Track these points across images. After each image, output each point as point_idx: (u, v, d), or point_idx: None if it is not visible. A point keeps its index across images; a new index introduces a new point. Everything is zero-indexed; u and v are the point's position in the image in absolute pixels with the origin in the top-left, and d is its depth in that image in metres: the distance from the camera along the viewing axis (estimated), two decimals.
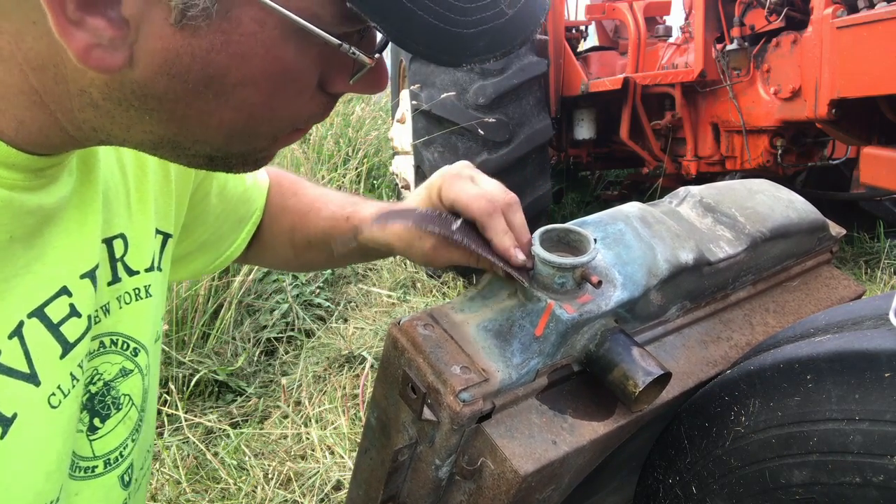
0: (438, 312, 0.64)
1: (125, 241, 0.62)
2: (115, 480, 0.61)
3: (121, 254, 0.62)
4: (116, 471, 0.61)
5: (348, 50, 0.44)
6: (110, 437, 0.59)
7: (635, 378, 0.60)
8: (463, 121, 3.24)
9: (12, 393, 0.47)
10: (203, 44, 0.41)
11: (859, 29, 2.29)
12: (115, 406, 0.60)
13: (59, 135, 0.47)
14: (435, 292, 3.45)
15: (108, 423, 0.59)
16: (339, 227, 0.84)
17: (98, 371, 0.58)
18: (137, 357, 0.62)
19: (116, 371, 0.60)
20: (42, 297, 0.50)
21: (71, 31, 0.39)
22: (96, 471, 0.58)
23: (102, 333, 0.59)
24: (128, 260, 0.62)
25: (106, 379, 0.59)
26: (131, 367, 0.62)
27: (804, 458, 0.61)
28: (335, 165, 4.33)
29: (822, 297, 0.87)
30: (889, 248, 3.55)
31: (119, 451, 0.61)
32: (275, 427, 2.26)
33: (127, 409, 0.61)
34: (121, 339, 0.61)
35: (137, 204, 0.65)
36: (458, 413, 0.55)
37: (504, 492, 0.58)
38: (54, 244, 0.51)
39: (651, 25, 4.07)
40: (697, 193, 0.83)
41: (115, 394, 0.60)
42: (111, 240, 0.60)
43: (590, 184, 5.37)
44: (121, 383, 0.60)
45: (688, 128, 3.50)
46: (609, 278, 0.66)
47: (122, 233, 0.62)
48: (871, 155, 2.41)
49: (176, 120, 0.45)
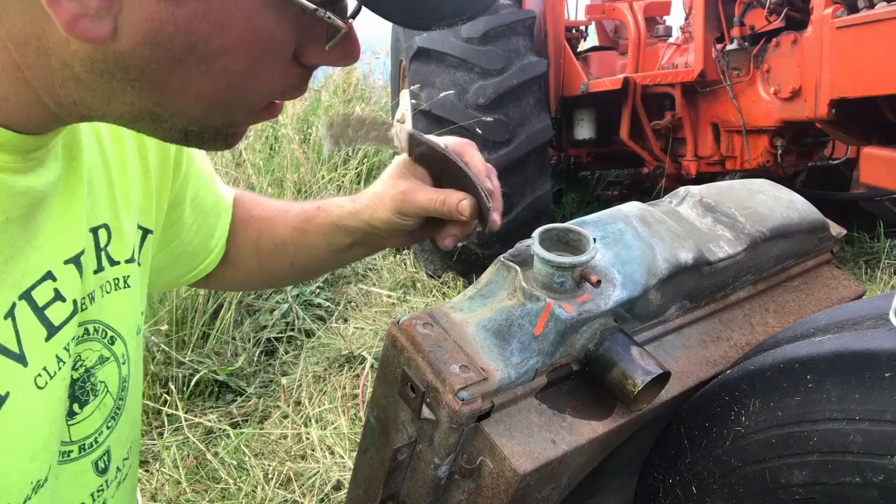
0: (438, 312, 0.64)
1: (108, 232, 0.63)
2: (89, 466, 0.61)
3: (104, 243, 0.62)
4: (90, 456, 0.61)
5: (324, 15, 0.45)
6: (87, 422, 0.60)
7: (634, 377, 0.60)
8: (463, 121, 3.24)
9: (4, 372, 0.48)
10: (186, 12, 0.41)
11: (859, 29, 2.29)
12: (93, 392, 0.61)
13: (40, 112, 0.47)
14: (435, 292, 3.45)
15: (85, 409, 0.60)
16: (310, 217, 0.86)
17: (80, 357, 0.59)
18: (114, 346, 0.63)
19: (96, 358, 0.61)
20: (30, 280, 0.51)
21: (59, 1, 0.39)
22: (71, 455, 0.59)
23: (87, 321, 0.59)
24: (110, 250, 0.63)
25: (87, 365, 0.60)
26: (108, 354, 0.62)
27: (804, 458, 0.61)
28: (335, 165, 4.33)
29: (823, 297, 0.87)
30: (889, 248, 3.55)
31: (94, 438, 0.61)
32: (275, 427, 2.26)
33: (102, 397, 0.62)
34: (101, 327, 0.61)
35: (121, 196, 0.65)
36: (457, 412, 0.55)
37: (503, 491, 0.58)
38: (42, 229, 0.52)
39: (651, 25, 4.08)
40: (697, 193, 0.83)
41: (93, 380, 0.61)
42: (96, 229, 0.61)
43: (590, 184, 5.37)
44: (98, 370, 0.61)
45: (688, 128, 3.50)
46: (608, 278, 0.66)
47: (105, 223, 0.63)
48: (871, 155, 2.41)
49: (156, 90, 0.46)
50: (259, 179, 3.73)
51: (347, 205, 0.82)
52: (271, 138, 4.67)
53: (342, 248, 0.86)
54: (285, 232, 0.88)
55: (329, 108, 5.41)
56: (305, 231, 0.87)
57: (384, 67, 6.82)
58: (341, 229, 0.83)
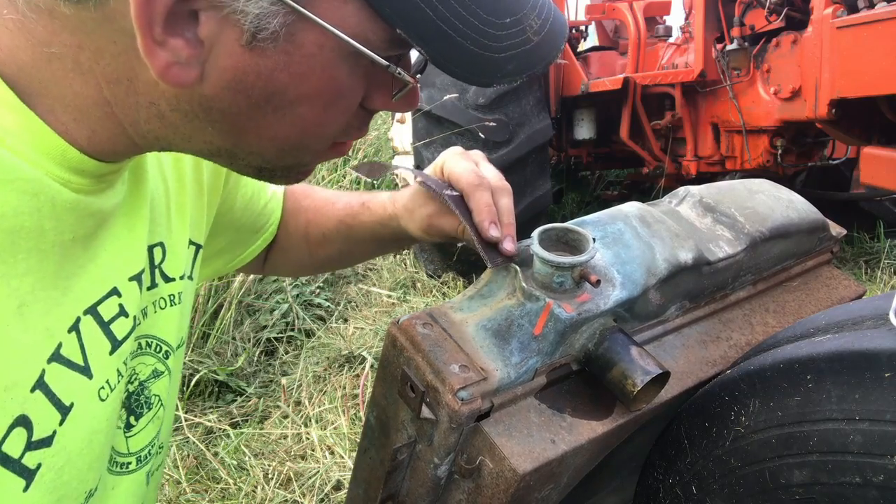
0: (437, 312, 0.64)
1: (164, 249, 0.66)
2: (143, 477, 0.64)
3: (159, 261, 0.66)
4: (145, 468, 0.64)
5: (395, 71, 0.49)
6: (142, 434, 0.63)
7: (634, 377, 0.60)
8: (463, 121, 3.24)
9: (70, 384, 0.50)
10: (268, 63, 0.45)
11: (859, 29, 2.29)
12: (147, 405, 0.63)
13: (125, 143, 0.51)
14: (435, 292, 3.45)
15: (140, 421, 0.62)
16: (356, 213, 0.91)
17: (135, 371, 0.62)
18: (168, 360, 0.66)
19: (150, 372, 0.64)
20: (96, 295, 0.53)
21: (155, 51, 0.43)
22: (130, 467, 0.62)
23: (140, 335, 0.62)
24: (165, 267, 0.66)
25: (141, 379, 0.62)
26: (163, 368, 0.65)
27: (804, 458, 0.61)
28: (335, 165, 4.33)
29: (823, 297, 0.87)
30: (889, 248, 3.55)
31: (148, 450, 0.64)
32: (275, 427, 2.26)
33: (157, 409, 0.65)
34: (155, 341, 0.64)
35: (176, 215, 0.69)
36: (457, 412, 0.55)
37: (503, 490, 0.58)
38: (106, 247, 0.55)
39: (651, 25, 4.07)
40: (697, 193, 0.83)
41: (147, 393, 0.63)
42: (153, 247, 0.64)
43: (590, 184, 5.36)
44: (153, 384, 0.64)
45: (688, 128, 3.50)
46: (608, 277, 0.66)
47: (161, 241, 0.66)
48: (871, 155, 2.41)
49: (235, 132, 0.49)
50: None
51: (388, 206, 0.86)
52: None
53: (388, 241, 0.91)
54: (331, 224, 0.93)
55: None
56: (351, 226, 0.91)
57: None
58: (386, 228, 0.87)
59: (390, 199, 0.87)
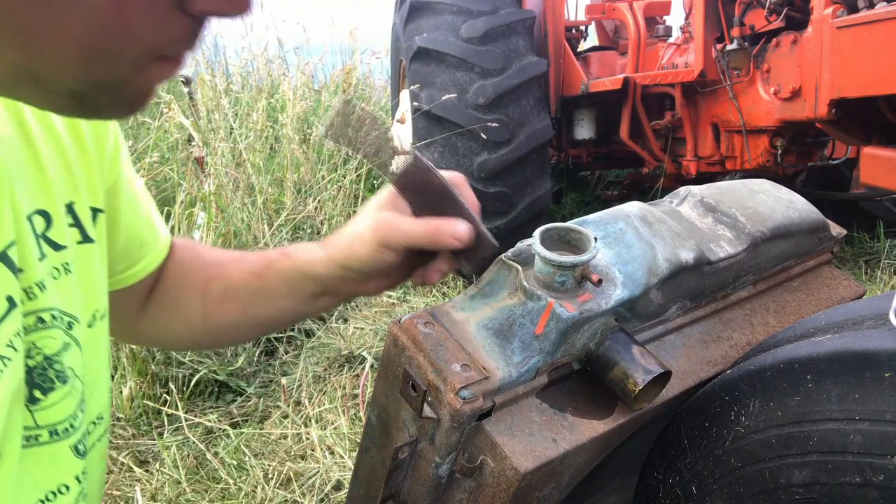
0: (439, 311, 0.64)
1: (47, 217, 0.61)
2: (67, 450, 0.61)
3: (42, 229, 0.61)
4: (68, 440, 0.61)
5: None
6: (57, 408, 0.60)
7: (635, 376, 0.60)
8: (463, 120, 3.24)
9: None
10: None
11: (859, 29, 2.29)
12: (60, 379, 0.60)
13: None
14: (435, 292, 3.45)
15: (51, 395, 0.59)
16: (271, 262, 0.80)
17: (36, 345, 0.58)
18: (72, 330, 0.62)
19: (59, 346, 0.60)
20: None
21: None
22: (41, 439, 0.59)
23: (40, 309, 0.58)
24: (52, 235, 0.62)
25: (46, 353, 0.59)
26: (70, 340, 0.62)
27: (804, 458, 0.61)
28: (335, 165, 4.33)
29: (823, 297, 0.87)
30: (889, 248, 3.56)
31: (69, 423, 0.61)
32: (275, 427, 2.26)
33: (73, 382, 0.61)
34: (58, 313, 0.61)
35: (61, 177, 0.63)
36: (459, 411, 0.55)
37: (504, 490, 0.58)
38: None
39: (651, 25, 4.08)
40: (698, 193, 0.83)
41: (58, 367, 0.60)
42: (30, 216, 0.59)
43: (590, 184, 5.37)
44: (63, 356, 0.60)
45: (688, 128, 3.50)
46: (609, 277, 0.66)
47: (40, 209, 0.60)
48: (871, 155, 2.41)
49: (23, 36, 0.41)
50: (259, 179, 3.73)
51: (318, 251, 0.76)
52: (271, 138, 4.67)
53: (307, 297, 0.79)
54: (239, 276, 0.82)
55: (329, 107, 5.40)
56: (264, 277, 0.80)
57: (384, 67, 6.83)
58: (309, 276, 0.76)
59: (320, 245, 0.76)
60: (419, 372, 0.59)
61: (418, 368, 0.59)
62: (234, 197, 3.45)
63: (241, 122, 4.38)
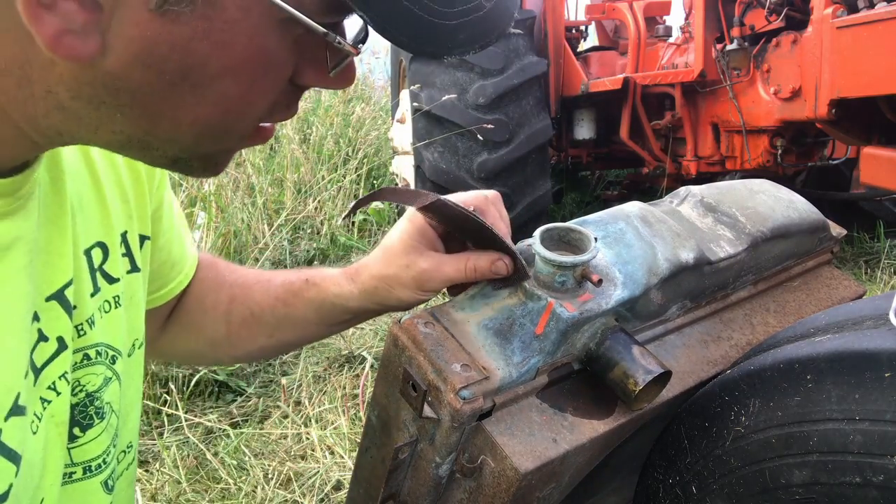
0: (439, 311, 0.64)
1: (104, 250, 0.61)
2: (98, 486, 0.60)
3: (99, 262, 0.60)
4: (99, 476, 0.60)
5: (333, 39, 0.43)
6: (92, 445, 0.59)
7: (635, 376, 0.60)
8: (463, 121, 3.25)
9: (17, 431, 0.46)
10: (184, 31, 0.38)
11: (859, 29, 2.29)
12: (99, 416, 0.59)
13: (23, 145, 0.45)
14: None
15: (89, 432, 0.58)
16: (297, 290, 0.79)
17: (80, 383, 0.57)
18: (115, 364, 0.62)
19: (100, 381, 0.59)
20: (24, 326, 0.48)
21: (41, 15, 0.36)
22: (74, 476, 0.58)
23: (88, 346, 0.58)
24: (107, 268, 0.61)
25: (89, 390, 0.58)
26: (111, 375, 0.61)
27: (804, 458, 0.61)
28: (335, 165, 4.33)
29: (823, 297, 0.87)
30: (889, 248, 3.55)
31: (102, 459, 0.60)
32: (275, 427, 2.26)
33: (109, 418, 0.61)
34: (104, 349, 0.60)
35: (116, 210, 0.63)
36: (459, 410, 0.55)
37: (504, 490, 0.58)
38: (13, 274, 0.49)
39: (651, 25, 4.08)
40: (698, 193, 0.83)
41: (98, 404, 0.59)
42: (89, 250, 0.59)
43: (590, 184, 5.37)
44: (104, 392, 0.60)
45: (688, 128, 3.50)
46: (610, 277, 0.66)
47: (99, 241, 0.60)
48: (871, 155, 2.41)
49: (147, 117, 0.43)
50: (259, 179, 3.73)
51: (347, 284, 0.74)
52: (271, 138, 4.67)
53: (339, 323, 0.79)
54: (265, 301, 0.80)
55: (329, 108, 5.40)
56: (291, 304, 0.79)
57: (384, 67, 6.83)
58: (339, 308, 0.76)
59: (346, 275, 0.74)
60: (419, 372, 0.59)
61: (418, 368, 0.59)
62: (234, 197, 3.46)
63: None
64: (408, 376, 0.60)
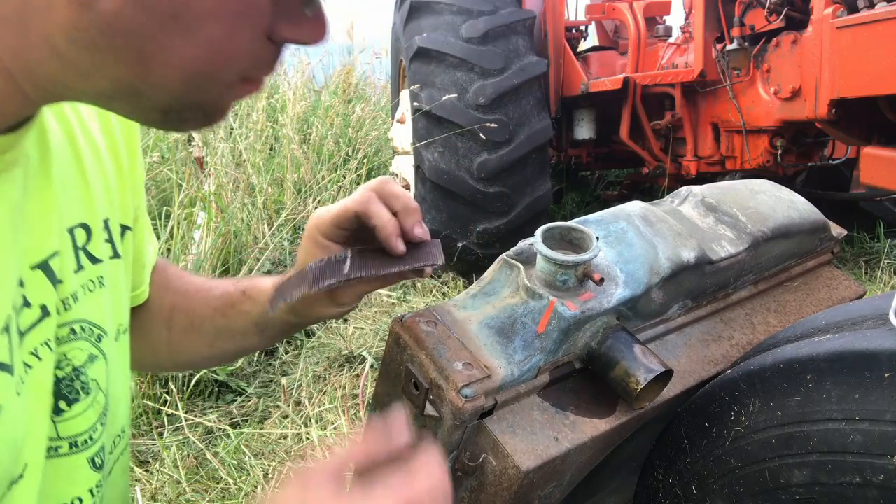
0: (441, 310, 0.64)
1: (87, 231, 0.63)
2: (84, 462, 0.61)
3: (83, 242, 0.62)
4: (85, 453, 0.61)
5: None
6: (78, 420, 0.60)
7: (637, 375, 0.60)
8: (463, 121, 3.24)
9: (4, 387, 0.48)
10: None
11: (859, 29, 2.29)
12: (84, 391, 0.61)
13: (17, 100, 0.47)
14: (435, 292, 3.45)
15: (75, 406, 0.60)
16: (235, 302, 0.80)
17: (67, 357, 0.59)
18: (101, 343, 0.63)
19: (85, 357, 0.61)
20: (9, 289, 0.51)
21: None
22: (60, 451, 0.59)
23: (73, 321, 0.59)
24: (90, 249, 0.63)
25: (75, 364, 0.60)
26: (96, 353, 0.63)
27: (804, 458, 0.61)
28: (335, 165, 4.33)
29: (823, 297, 0.87)
30: (889, 248, 3.56)
31: (88, 435, 0.61)
32: (275, 427, 2.26)
33: (95, 394, 0.62)
34: (88, 325, 0.62)
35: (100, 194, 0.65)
36: (461, 409, 0.56)
37: (506, 488, 0.58)
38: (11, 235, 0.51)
39: (651, 25, 4.08)
40: (699, 193, 0.83)
41: (84, 379, 0.61)
42: (73, 229, 0.61)
43: (590, 184, 5.37)
44: (89, 368, 0.61)
45: (688, 128, 3.50)
46: (611, 276, 0.66)
47: (83, 222, 0.62)
48: (871, 155, 2.41)
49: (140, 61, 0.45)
50: (259, 179, 3.73)
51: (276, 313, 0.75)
52: (271, 138, 4.67)
53: (276, 334, 0.82)
54: (205, 312, 0.82)
55: (329, 108, 5.41)
56: (229, 316, 0.80)
57: (384, 67, 6.83)
58: (271, 321, 0.78)
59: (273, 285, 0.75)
60: (421, 370, 0.59)
61: (420, 367, 0.59)
62: (234, 197, 3.46)
63: (241, 122, 4.38)
64: (410, 375, 0.60)
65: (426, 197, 3.46)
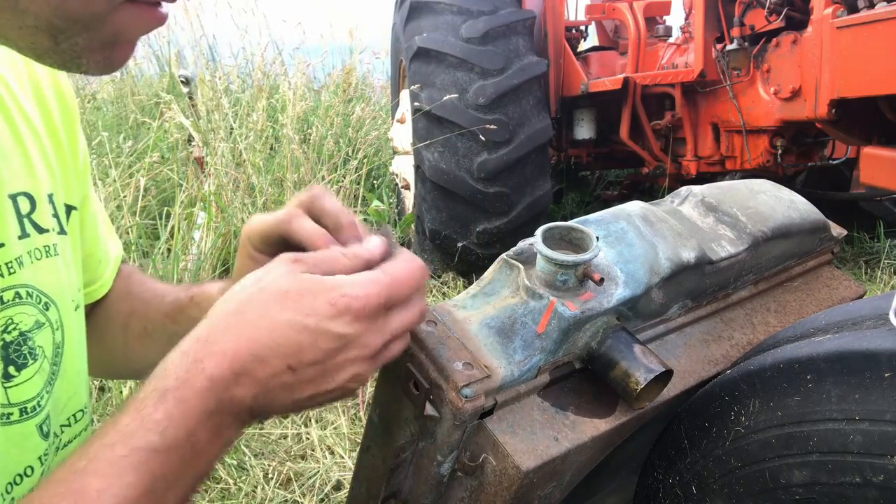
0: (441, 309, 0.64)
1: (31, 200, 0.63)
2: (33, 429, 0.61)
3: (27, 211, 0.62)
4: (34, 419, 0.61)
5: None
6: (27, 385, 0.60)
7: (637, 375, 0.60)
8: (463, 121, 3.25)
9: None
10: None
11: (859, 29, 2.29)
12: (32, 356, 0.61)
13: None
14: (435, 292, 3.45)
15: (24, 372, 0.60)
16: (183, 307, 0.79)
17: (13, 320, 0.59)
18: (48, 311, 0.63)
19: (32, 322, 0.61)
20: None
21: None
22: (11, 418, 0.59)
23: (18, 285, 0.59)
24: (35, 218, 0.63)
25: (22, 329, 0.60)
26: (43, 320, 0.63)
27: (804, 458, 0.61)
28: (335, 165, 4.33)
29: (823, 297, 0.88)
30: (889, 248, 3.56)
31: (36, 401, 0.61)
32: (275, 427, 2.26)
33: (41, 361, 0.62)
34: (35, 292, 0.62)
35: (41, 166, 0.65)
36: (461, 409, 0.56)
37: (506, 488, 0.58)
38: None
39: (651, 25, 4.08)
40: (699, 193, 0.83)
41: (31, 344, 0.61)
42: (15, 196, 0.61)
43: (590, 184, 5.37)
44: (36, 334, 0.61)
45: (688, 128, 3.51)
46: (611, 276, 0.66)
47: (25, 191, 0.62)
48: (871, 155, 2.41)
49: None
50: (259, 179, 3.73)
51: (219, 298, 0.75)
52: (271, 138, 4.66)
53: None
54: (157, 318, 0.81)
55: (329, 108, 5.40)
56: (177, 321, 0.79)
57: (384, 67, 6.83)
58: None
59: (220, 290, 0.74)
60: (421, 370, 0.59)
61: (420, 366, 0.59)
62: (234, 197, 3.46)
63: (241, 122, 4.37)
64: (410, 374, 0.60)
65: (426, 197, 3.46)
